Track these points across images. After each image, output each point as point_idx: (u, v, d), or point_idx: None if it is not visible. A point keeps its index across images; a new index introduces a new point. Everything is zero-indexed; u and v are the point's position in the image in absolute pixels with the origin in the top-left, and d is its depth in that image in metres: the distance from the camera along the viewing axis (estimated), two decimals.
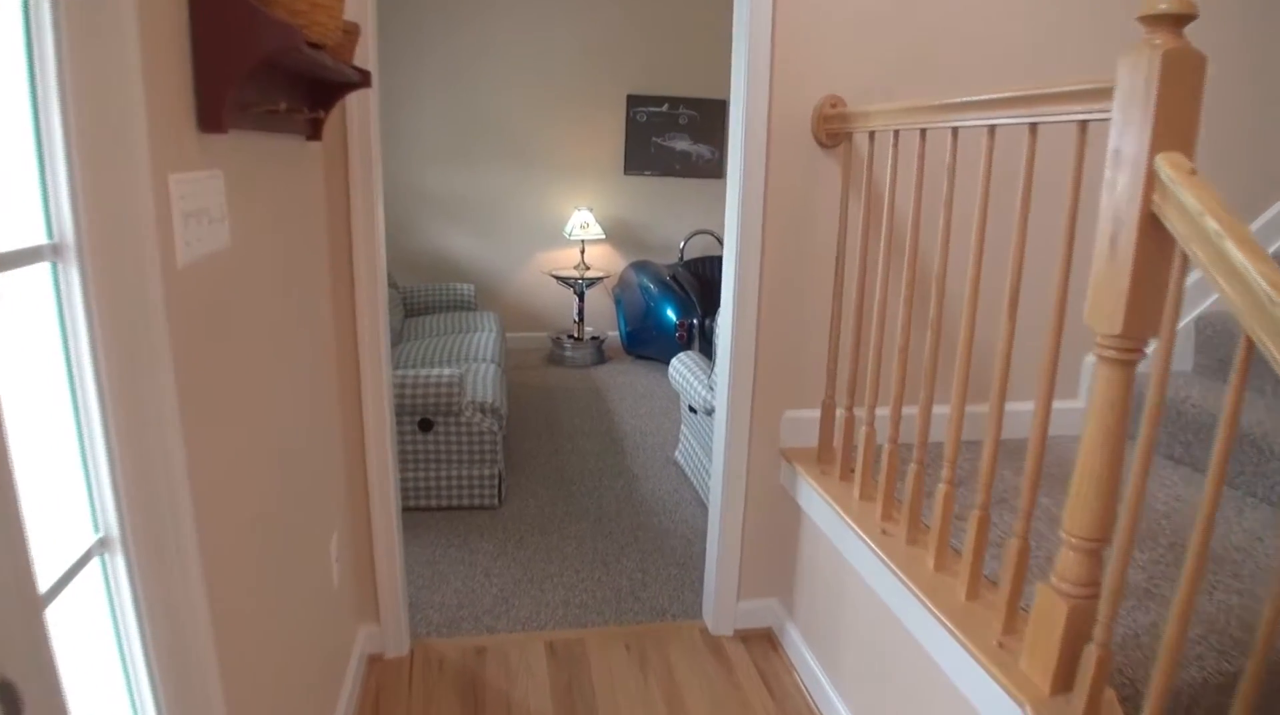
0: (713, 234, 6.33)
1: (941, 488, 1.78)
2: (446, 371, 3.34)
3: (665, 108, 6.12)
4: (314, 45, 1.37)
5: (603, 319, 6.43)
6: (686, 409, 3.89)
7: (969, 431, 2.51)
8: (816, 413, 2.50)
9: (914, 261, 1.92)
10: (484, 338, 4.54)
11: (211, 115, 1.23)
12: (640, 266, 6.03)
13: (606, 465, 4.09)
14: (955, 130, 1.73)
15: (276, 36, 1.21)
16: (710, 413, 3.44)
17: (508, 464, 4.04)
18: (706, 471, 3.62)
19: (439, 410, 3.35)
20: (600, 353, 6.00)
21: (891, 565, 1.87)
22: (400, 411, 3.34)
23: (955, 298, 2.36)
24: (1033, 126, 1.49)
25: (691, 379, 3.63)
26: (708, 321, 5.52)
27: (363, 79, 1.84)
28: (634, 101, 6.06)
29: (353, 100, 2.10)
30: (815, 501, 2.34)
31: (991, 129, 1.61)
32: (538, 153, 6.02)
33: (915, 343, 2.29)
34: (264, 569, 1.52)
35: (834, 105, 2.30)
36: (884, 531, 2.00)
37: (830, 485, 2.29)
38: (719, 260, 6.10)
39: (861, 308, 2.22)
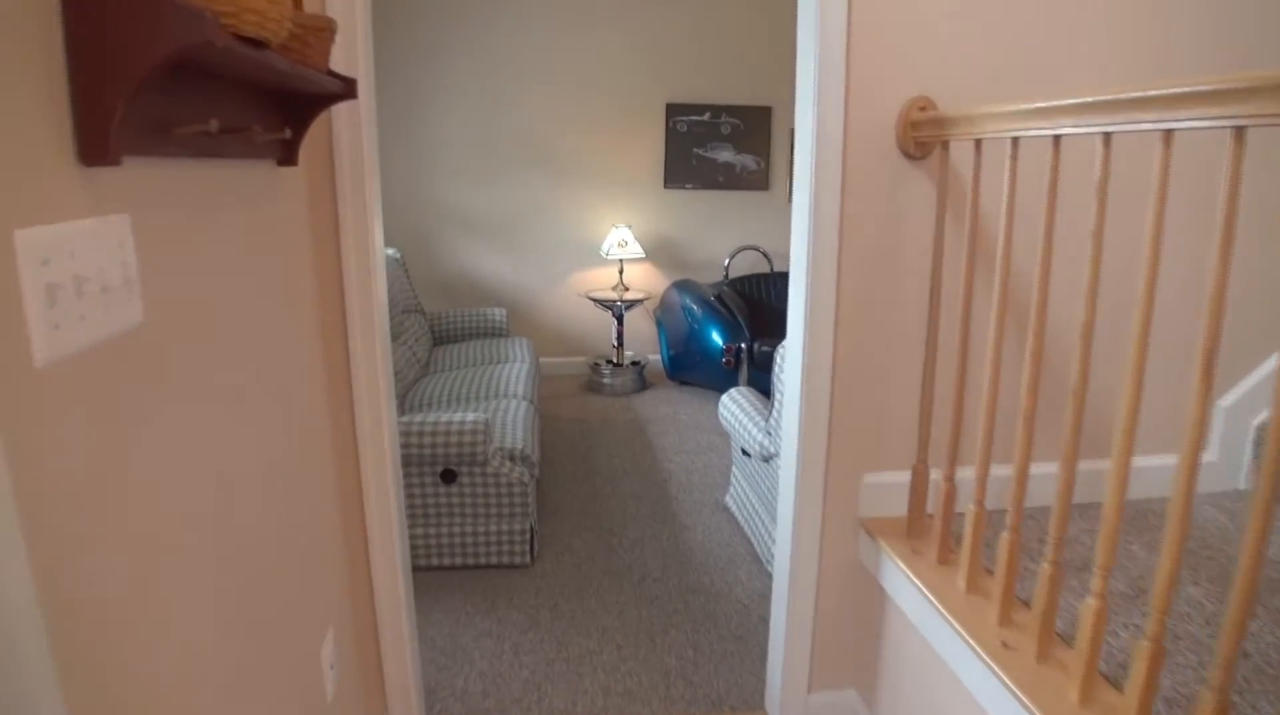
0: (759, 250, 5.93)
1: (1091, 603, 1.37)
2: (470, 417, 2.97)
3: (707, 116, 5.73)
4: (253, 42, 1.01)
5: (643, 342, 6.05)
6: (739, 451, 3.49)
7: (1091, 495, 2.09)
8: (904, 477, 2.09)
9: (1044, 302, 1.51)
10: (515, 370, 4.18)
11: (95, 140, 0.87)
12: (683, 286, 5.64)
13: (650, 511, 3.70)
14: (1108, 137, 1.32)
15: (183, 28, 0.85)
16: (768, 460, 3.04)
17: (541, 509, 3.67)
18: (761, 521, 3.21)
19: (462, 460, 2.99)
20: (641, 379, 5.62)
21: (1019, 694, 1.46)
22: (420, 461, 2.98)
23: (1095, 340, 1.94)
24: (1239, 131, 1.08)
25: (745, 421, 3.23)
26: (757, 346, 5.11)
27: (345, 89, 1.48)
28: (674, 110, 5.69)
29: (340, 115, 1.74)
30: (904, 587, 1.92)
31: (1167, 135, 1.20)
32: (572, 166, 5.67)
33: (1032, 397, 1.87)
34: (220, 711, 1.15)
35: (923, 108, 1.90)
36: (1004, 644, 1.58)
37: (924, 569, 1.88)
38: (766, 279, 5.69)
39: (966, 351, 1.81)
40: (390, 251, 4.81)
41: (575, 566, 3.21)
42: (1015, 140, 1.57)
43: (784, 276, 5.71)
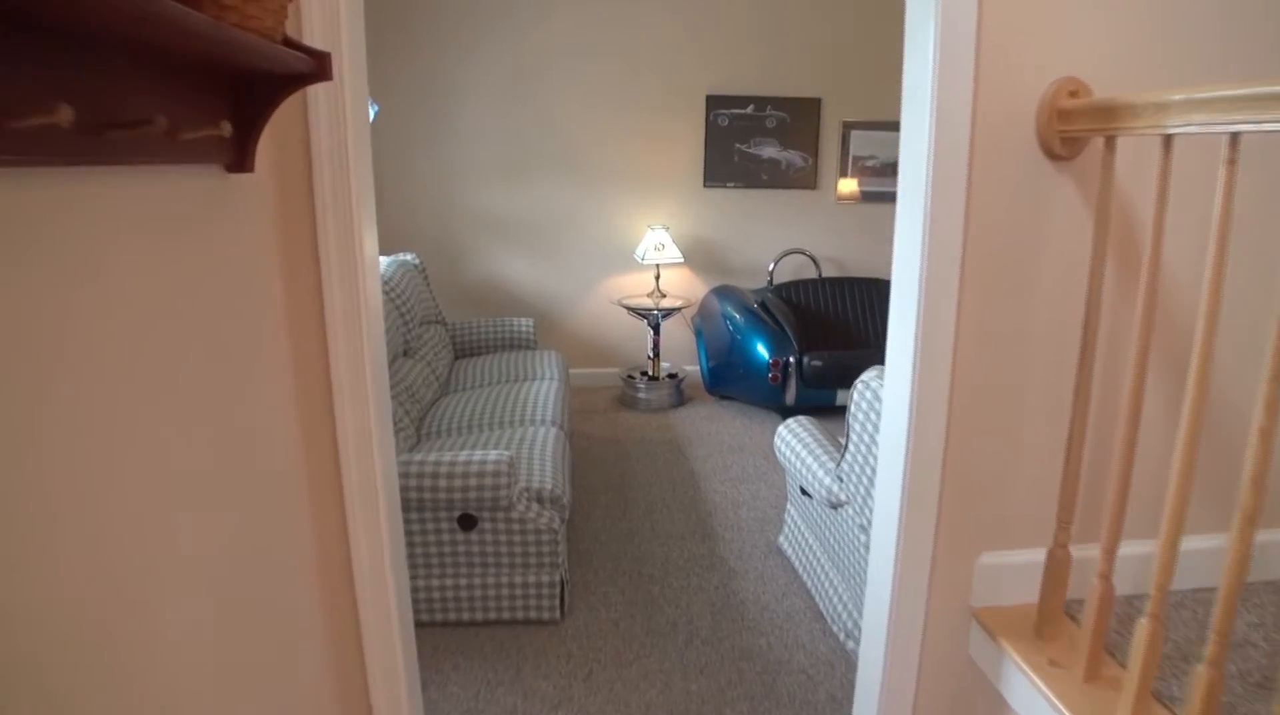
0: (806, 254, 5.48)
1: None
2: (492, 457, 2.57)
3: (750, 109, 5.30)
4: None
5: (681, 352, 5.63)
6: (795, 488, 3.06)
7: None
8: (1031, 557, 1.66)
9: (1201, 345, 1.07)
10: (543, 390, 3.78)
11: None
12: (723, 293, 5.22)
13: (695, 554, 3.28)
14: None
15: None
16: (836, 507, 2.61)
17: (572, 550, 3.27)
18: (823, 571, 2.79)
19: (483, 505, 2.59)
20: (679, 393, 5.20)
21: None
22: (435, 506, 2.59)
23: None
24: None
25: (808, 459, 2.80)
26: (806, 359, 4.67)
27: (314, 67, 1.07)
28: (714, 103, 5.26)
29: (318, 105, 1.33)
30: (1037, 707, 1.50)
31: None
32: (604, 165, 5.26)
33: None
34: None
35: (1073, 93, 1.47)
36: None
37: (1068, 690, 1.45)
38: (814, 285, 5.25)
39: (1139, 401, 1.37)
40: (409, 257, 4.43)
41: (612, 623, 2.80)
42: (1235, 137, 1.13)
43: (834, 283, 5.26)
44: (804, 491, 2.96)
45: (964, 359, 1.56)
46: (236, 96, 1.09)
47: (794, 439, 2.95)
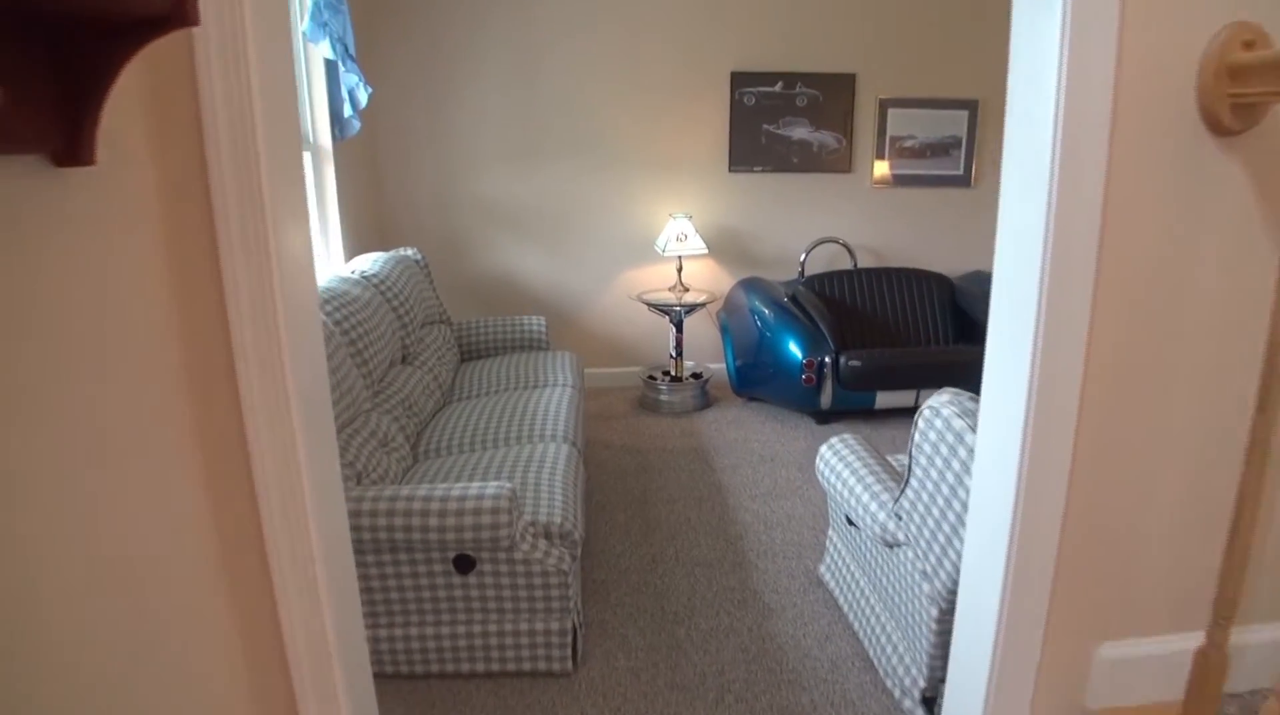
0: (840, 243, 5.08)
1: None
2: (491, 490, 2.22)
3: (779, 86, 4.89)
4: None
5: (705, 349, 5.25)
6: (840, 516, 2.69)
7: None
8: (1167, 648, 1.28)
9: None
10: (555, 399, 3.42)
11: None
12: (751, 286, 4.83)
13: (725, 586, 2.92)
14: None
15: None
16: (893, 547, 2.24)
17: (586, 582, 2.92)
18: (874, 614, 2.43)
19: (481, 545, 2.24)
20: (704, 395, 4.83)
21: None
22: (426, 546, 2.24)
23: None
24: None
25: (857, 487, 2.42)
26: (844, 359, 4.28)
27: (173, 5, 0.71)
28: (739, 80, 4.85)
29: (208, 64, 0.96)
30: None
31: None
32: (621, 150, 4.87)
33: None
34: None
35: (1249, 44, 1.08)
36: None
37: None
38: (849, 277, 4.85)
39: None
40: (410, 252, 4.08)
41: (632, 675, 2.45)
42: None
43: (870, 274, 4.86)
44: (850, 521, 2.59)
45: (1093, 399, 1.19)
46: (63, 58, 0.73)
47: (839, 462, 2.57)
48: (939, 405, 1.87)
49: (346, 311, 2.93)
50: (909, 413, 4.63)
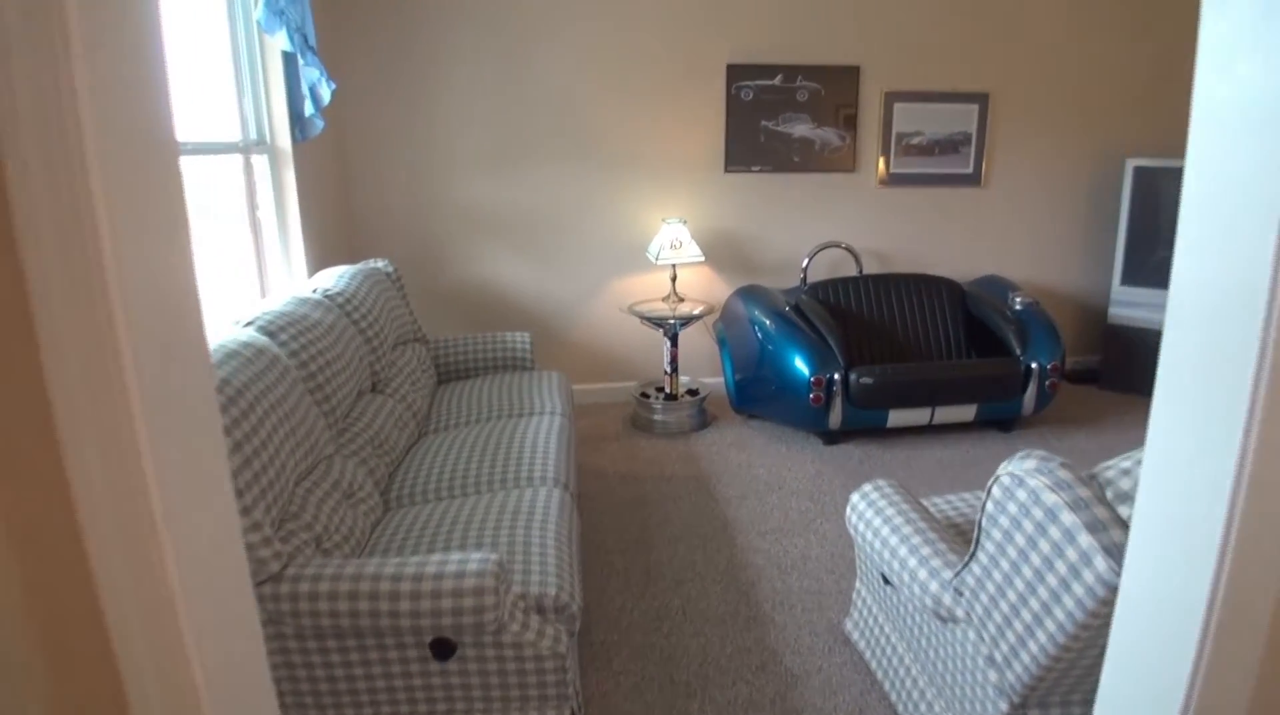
0: (845, 248, 4.75)
1: None
2: (474, 564, 1.87)
3: (778, 79, 4.54)
4: None
5: (701, 361, 4.91)
6: (872, 572, 2.35)
7: None
8: None
9: None
10: (543, 430, 3.07)
11: None
12: (750, 295, 4.49)
13: (740, 645, 2.58)
14: None
15: None
16: (946, 622, 1.91)
17: (583, 647, 2.58)
18: (913, 682, 2.10)
19: (464, 628, 1.89)
20: (701, 413, 4.49)
21: None
22: (398, 631, 1.88)
23: None
24: None
25: (899, 547, 2.08)
26: (854, 376, 3.95)
27: None
28: (736, 73, 4.50)
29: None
30: None
31: None
32: (610, 150, 4.51)
33: None
34: None
35: None
36: None
37: None
38: (854, 283, 4.52)
39: None
40: (380, 264, 3.71)
41: None
42: None
43: (877, 280, 4.53)
44: (886, 580, 2.25)
45: None
46: None
47: (875, 515, 2.24)
48: (1023, 473, 1.54)
49: (305, 339, 2.56)
50: (923, 431, 4.33)
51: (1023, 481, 1.53)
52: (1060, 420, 4.50)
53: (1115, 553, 1.39)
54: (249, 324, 2.47)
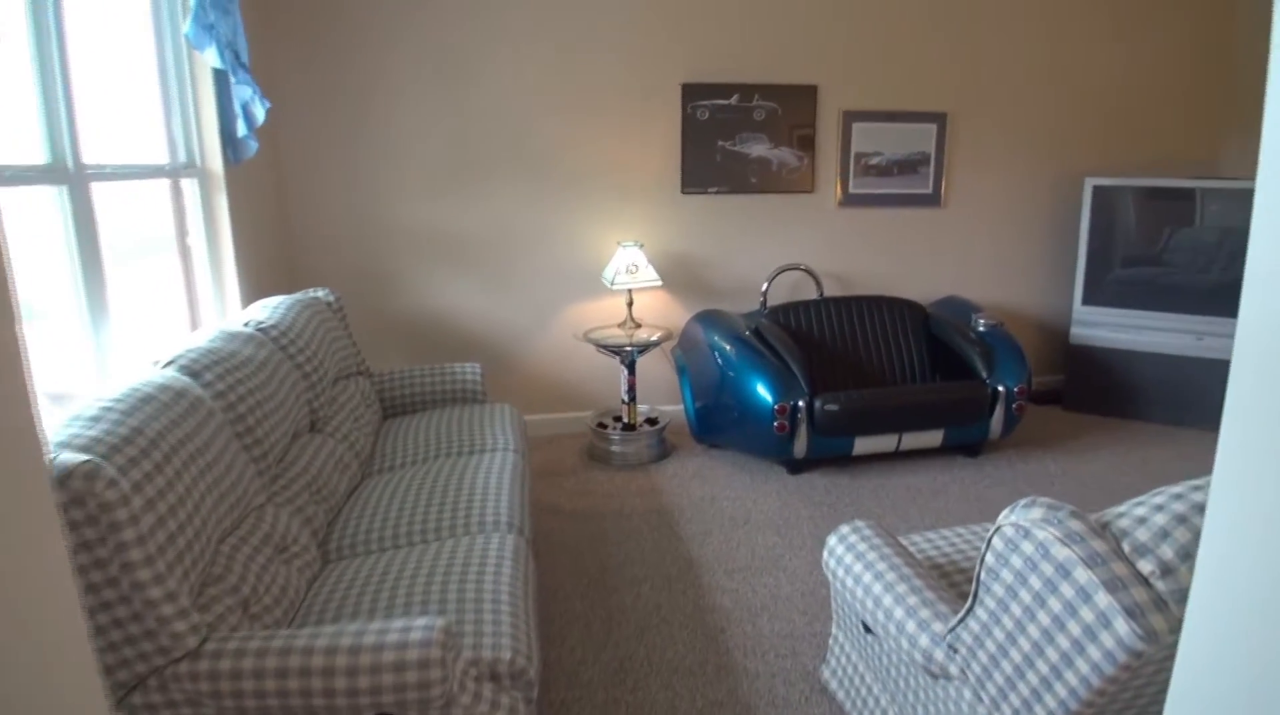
0: (805, 270, 4.64)
1: None
2: (418, 632, 1.67)
3: (735, 99, 4.43)
4: None
5: (660, 388, 4.75)
6: (850, 619, 2.20)
7: None
8: None
9: None
10: (495, 469, 2.88)
11: None
12: (709, 319, 4.35)
13: (711, 699, 2.41)
14: None
15: None
16: (938, 679, 1.75)
17: (542, 707, 2.38)
18: None
19: (407, 704, 1.68)
20: (661, 444, 4.33)
21: None
22: (332, 712, 1.67)
23: None
24: None
25: (884, 596, 1.93)
26: (819, 403, 3.82)
27: None
28: (691, 92, 4.38)
29: None
30: None
31: None
32: (563, 171, 4.35)
33: None
34: None
35: None
36: None
37: None
38: (815, 306, 4.40)
39: None
40: (320, 294, 3.49)
41: None
42: None
43: (838, 303, 4.42)
44: (867, 629, 2.10)
45: None
46: None
47: (854, 560, 2.08)
48: (1029, 524, 1.39)
49: (233, 379, 2.34)
50: (889, 458, 4.21)
51: (1029, 533, 1.39)
52: (1027, 443, 4.42)
53: (1138, 614, 1.25)
54: (169, 364, 2.24)
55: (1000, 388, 4.02)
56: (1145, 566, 1.28)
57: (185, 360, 2.27)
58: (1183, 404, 4.62)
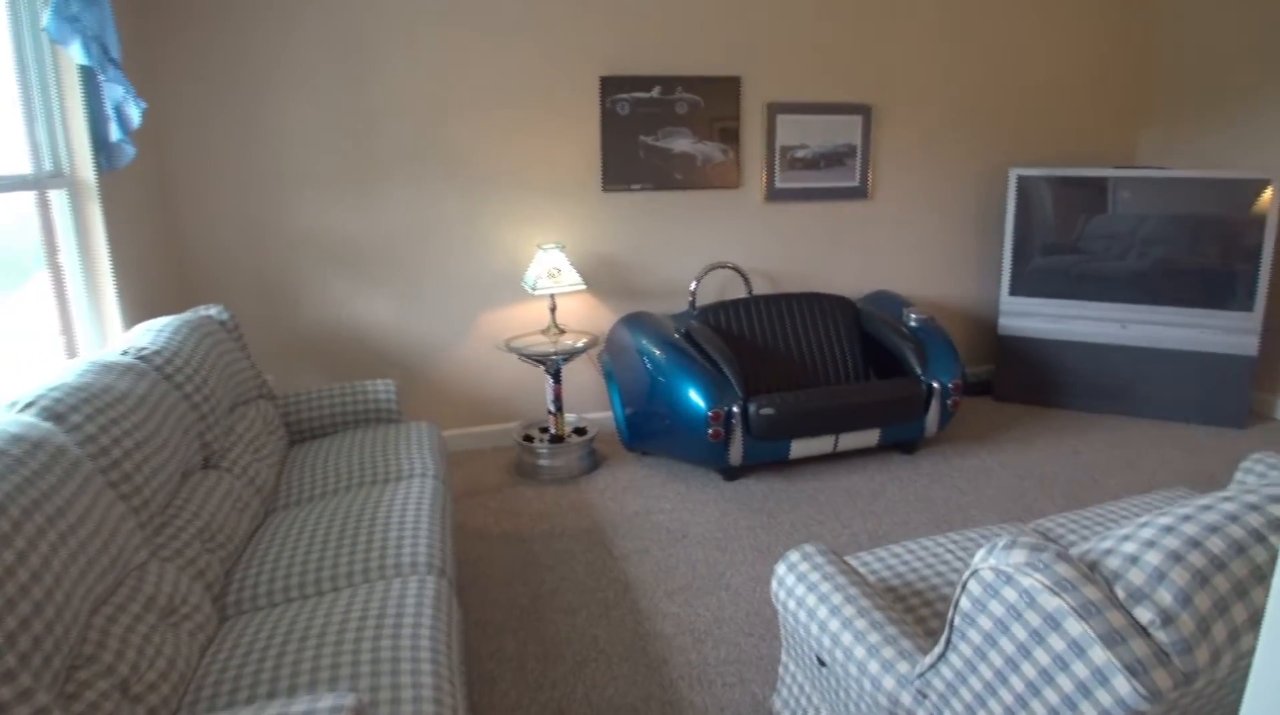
0: (733, 268, 4.49)
1: None
2: (324, 710, 1.45)
3: (656, 92, 4.26)
4: None
5: (587, 395, 4.55)
6: (802, 649, 2.05)
7: None
8: None
9: None
10: (413, 499, 2.65)
11: None
12: (636, 323, 4.17)
13: None
14: None
15: None
16: None
17: None
18: None
19: None
20: (591, 455, 4.13)
21: None
22: None
23: None
24: None
25: (841, 633, 1.78)
26: (754, 408, 3.68)
27: None
28: (610, 86, 4.19)
29: None
30: None
31: None
32: (478, 171, 4.11)
33: None
34: None
35: None
36: None
37: None
38: (745, 306, 4.26)
39: None
40: (212, 312, 3.20)
41: None
42: None
43: (768, 302, 4.28)
44: (821, 662, 1.95)
45: None
46: None
47: (806, 591, 1.93)
48: (1011, 569, 1.25)
49: (104, 419, 2.06)
50: (826, 460, 4.10)
51: (1011, 579, 1.25)
52: (961, 437, 4.37)
53: (1139, 671, 1.11)
54: (27, 406, 1.96)
55: (935, 384, 3.94)
56: (1143, 615, 1.14)
57: (47, 401, 1.99)
58: (1110, 391, 4.63)
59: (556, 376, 4.02)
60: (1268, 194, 4.08)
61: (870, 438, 3.95)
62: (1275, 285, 4.46)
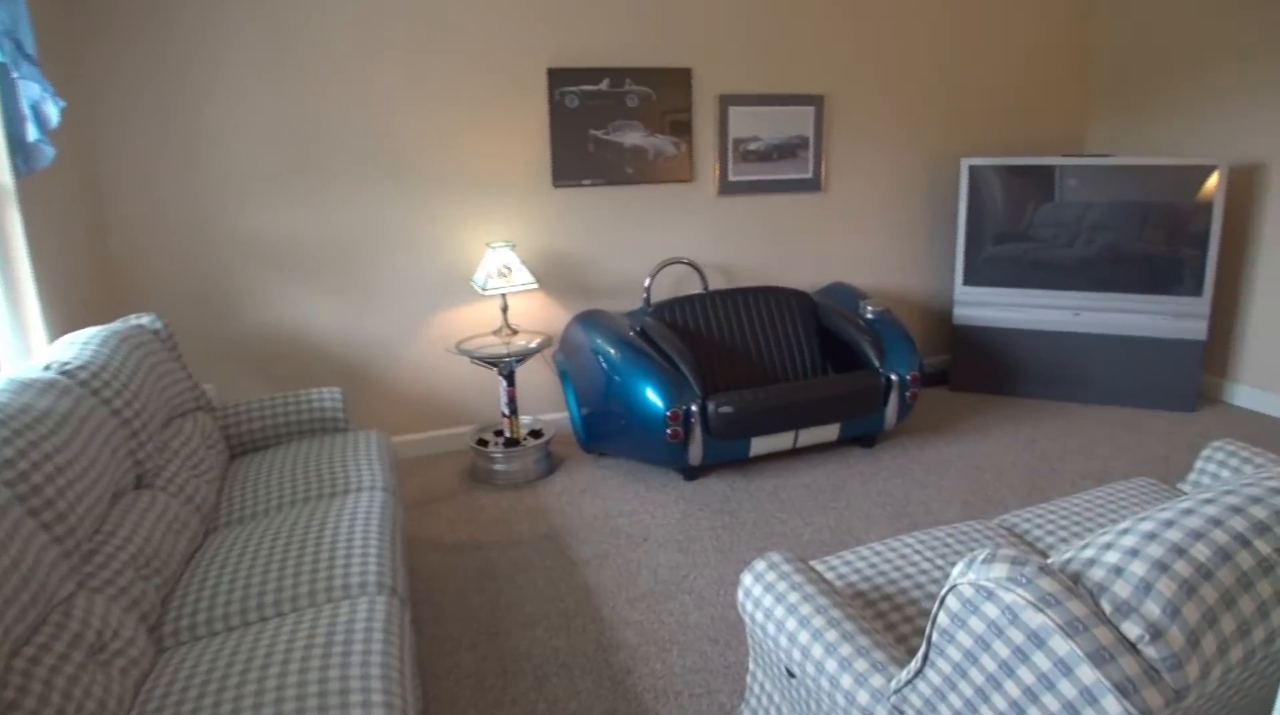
0: (687, 263, 4.42)
1: None
2: None
3: (605, 84, 4.16)
4: None
5: (543, 396, 4.46)
6: (772, 663, 1.99)
7: None
8: None
9: None
10: (362, 514, 2.53)
11: None
12: (590, 321, 4.08)
13: None
14: None
15: None
16: None
17: None
18: None
19: None
20: (547, 458, 4.03)
21: None
22: None
23: None
24: None
25: (813, 646, 1.72)
26: (712, 406, 3.62)
27: None
28: (558, 78, 4.08)
29: None
30: None
31: None
32: (422, 168, 3.97)
33: None
34: None
35: None
36: None
37: None
38: (700, 301, 4.19)
39: None
40: (144, 321, 3.04)
41: None
42: None
43: (724, 297, 4.22)
44: (790, 674, 1.89)
45: None
46: None
47: (774, 602, 1.86)
48: (991, 584, 1.19)
49: (23, 442, 1.92)
50: (786, 456, 4.06)
51: (992, 595, 1.19)
52: (920, 429, 4.36)
53: (1130, 690, 1.06)
54: None
55: (893, 376, 3.92)
56: (1131, 630, 1.09)
57: None
58: (1064, 379, 4.66)
59: (510, 378, 3.92)
60: (1213, 179, 4.12)
61: (830, 432, 3.91)
62: (1223, 270, 4.52)
